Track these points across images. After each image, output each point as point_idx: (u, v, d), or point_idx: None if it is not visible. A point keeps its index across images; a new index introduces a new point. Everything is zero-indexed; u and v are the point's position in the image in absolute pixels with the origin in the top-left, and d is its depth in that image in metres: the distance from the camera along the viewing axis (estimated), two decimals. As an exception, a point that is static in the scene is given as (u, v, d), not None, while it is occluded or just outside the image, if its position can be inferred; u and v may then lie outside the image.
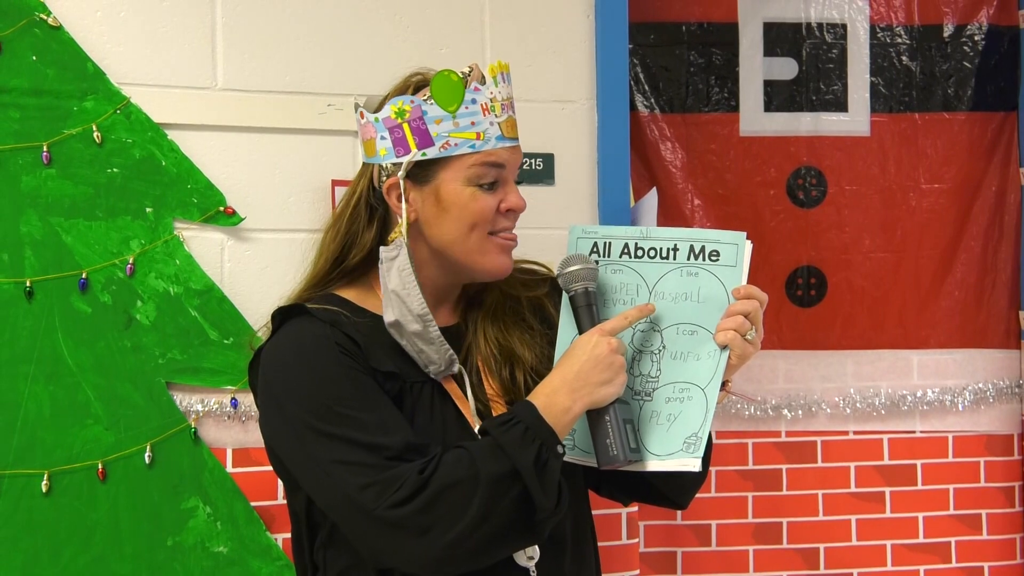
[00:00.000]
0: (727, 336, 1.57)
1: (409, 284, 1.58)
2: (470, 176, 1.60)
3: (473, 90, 1.59)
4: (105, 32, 2.22)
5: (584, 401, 1.51)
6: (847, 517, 2.82)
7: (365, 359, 1.57)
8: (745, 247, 1.59)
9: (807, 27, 2.84)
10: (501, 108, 1.62)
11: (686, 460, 1.56)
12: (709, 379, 1.58)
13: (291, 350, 1.59)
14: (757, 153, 2.82)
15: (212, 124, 2.28)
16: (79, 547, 2.15)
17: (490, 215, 1.61)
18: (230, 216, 2.27)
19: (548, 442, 1.48)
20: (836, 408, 2.81)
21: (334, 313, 1.61)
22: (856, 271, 2.83)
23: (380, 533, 1.47)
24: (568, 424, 1.51)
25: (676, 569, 2.76)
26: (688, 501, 1.80)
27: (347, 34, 2.37)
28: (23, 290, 2.14)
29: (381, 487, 1.45)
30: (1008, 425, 2.88)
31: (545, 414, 1.49)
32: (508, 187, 1.64)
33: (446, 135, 1.59)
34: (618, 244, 1.62)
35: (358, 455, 1.48)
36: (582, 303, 1.58)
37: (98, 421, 2.17)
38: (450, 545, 1.44)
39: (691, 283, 1.60)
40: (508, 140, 1.63)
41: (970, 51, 2.87)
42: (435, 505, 1.44)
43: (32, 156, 2.15)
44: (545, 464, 1.47)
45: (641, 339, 1.61)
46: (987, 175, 2.88)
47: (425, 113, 1.58)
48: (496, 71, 1.62)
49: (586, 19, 2.53)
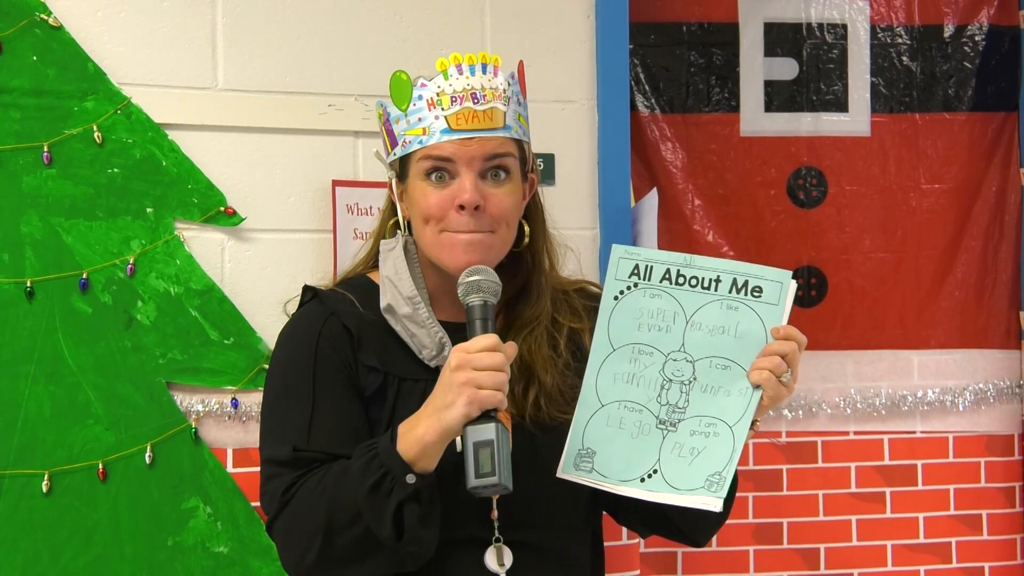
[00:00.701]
0: (761, 376, 1.52)
1: (401, 270, 1.60)
2: (419, 171, 1.59)
3: (420, 86, 1.59)
4: (106, 32, 2.22)
5: (435, 428, 1.45)
6: (847, 517, 2.82)
7: (354, 350, 1.58)
8: (789, 287, 1.56)
9: (807, 27, 2.84)
10: (451, 100, 1.58)
11: (707, 499, 1.51)
12: (739, 417, 1.54)
13: (287, 331, 1.66)
14: (757, 153, 2.82)
15: (212, 124, 2.28)
16: (79, 547, 2.15)
17: (437, 211, 1.58)
18: (230, 216, 2.27)
19: (394, 471, 1.45)
20: (836, 408, 2.81)
21: (343, 299, 1.63)
22: (856, 271, 2.83)
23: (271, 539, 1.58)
24: (424, 453, 1.46)
25: (676, 569, 2.76)
26: (706, 540, 1.75)
27: (347, 34, 2.37)
28: (24, 290, 2.14)
29: (267, 500, 1.55)
30: (1008, 425, 2.87)
31: (400, 442, 1.47)
32: (460, 181, 1.58)
33: (403, 133, 1.61)
34: (660, 269, 1.58)
35: (273, 450, 1.56)
36: (477, 316, 1.52)
37: (98, 421, 2.17)
38: (309, 566, 1.51)
39: (730, 317, 1.56)
40: (458, 132, 1.57)
41: (970, 51, 2.87)
42: (291, 530, 1.51)
43: (33, 156, 2.15)
44: (387, 494, 1.45)
45: (673, 368, 1.59)
46: (987, 175, 2.88)
47: (390, 115, 1.62)
48: (447, 64, 1.59)
49: (586, 19, 2.53)
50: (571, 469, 1.56)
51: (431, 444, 1.46)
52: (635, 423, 1.57)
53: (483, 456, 1.45)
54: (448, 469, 1.51)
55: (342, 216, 2.31)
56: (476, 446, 1.45)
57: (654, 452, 1.56)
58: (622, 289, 1.59)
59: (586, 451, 1.57)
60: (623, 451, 1.56)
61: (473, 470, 1.45)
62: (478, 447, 1.45)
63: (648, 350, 1.58)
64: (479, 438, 1.46)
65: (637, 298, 1.59)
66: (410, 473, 1.46)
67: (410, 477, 1.46)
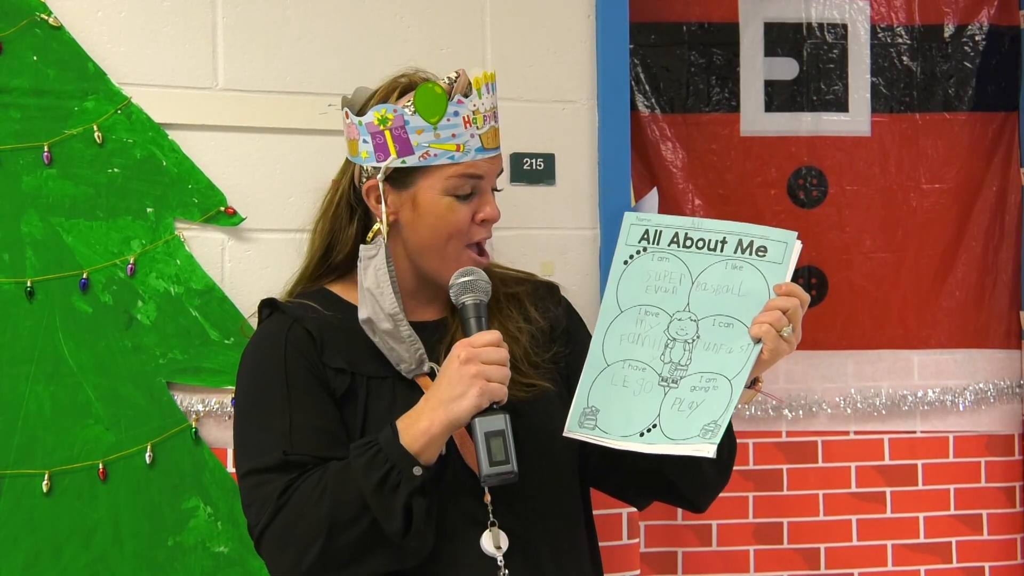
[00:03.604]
0: (761, 329, 1.56)
1: (383, 283, 1.61)
2: (448, 187, 1.62)
3: (456, 102, 1.61)
4: (106, 32, 2.22)
5: (441, 419, 1.48)
6: (848, 517, 2.82)
7: (318, 354, 1.61)
8: (794, 246, 1.59)
9: (808, 27, 2.84)
10: (483, 120, 1.63)
11: (701, 445, 1.53)
12: (737, 371, 1.57)
13: (251, 348, 1.68)
14: (758, 153, 2.82)
15: (213, 124, 2.28)
16: (80, 547, 2.15)
17: (465, 226, 1.63)
18: (231, 216, 2.27)
19: (400, 465, 1.47)
20: (837, 408, 2.81)
21: (304, 308, 1.66)
22: (857, 271, 2.83)
23: (258, 549, 1.56)
24: (429, 445, 1.49)
25: (677, 569, 2.77)
26: (706, 503, 1.77)
27: (347, 34, 2.37)
28: (24, 290, 2.14)
29: (257, 507, 1.54)
30: (1009, 425, 2.88)
31: (403, 436, 1.49)
32: (484, 197, 1.65)
33: (426, 145, 1.62)
34: (668, 232, 1.64)
35: (257, 461, 1.56)
36: (472, 314, 1.58)
37: (99, 421, 2.17)
38: (306, 570, 1.50)
39: (734, 276, 1.60)
40: (488, 151, 1.65)
41: (971, 51, 2.87)
42: (288, 532, 1.50)
43: (33, 156, 2.16)
44: (395, 488, 1.47)
45: (677, 328, 1.61)
46: (988, 175, 2.88)
47: (407, 123, 1.61)
48: (482, 82, 1.63)
49: (586, 19, 2.53)
50: (576, 427, 1.60)
51: (437, 436, 1.49)
52: (638, 381, 1.60)
53: (495, 445, 1.49)
54: (437, 460, 1.53)
55: (342, 216, 2.32)
56: (488, 436, 1.49)
57: (655, 408, 1.58)
58: (632, 254, 1.64)
59: (591, 409, 1.60)
60: (625, 408, 1.59)
61: (487, 459, 1.48)
62: (490, 437, 1.49)
63: (654, 311, 1.62)
64: (490, 428, 1.50)
65: (645, 262, 1.63)
66: (416, 466, 1.48)
67: (417, 469, 1.48)
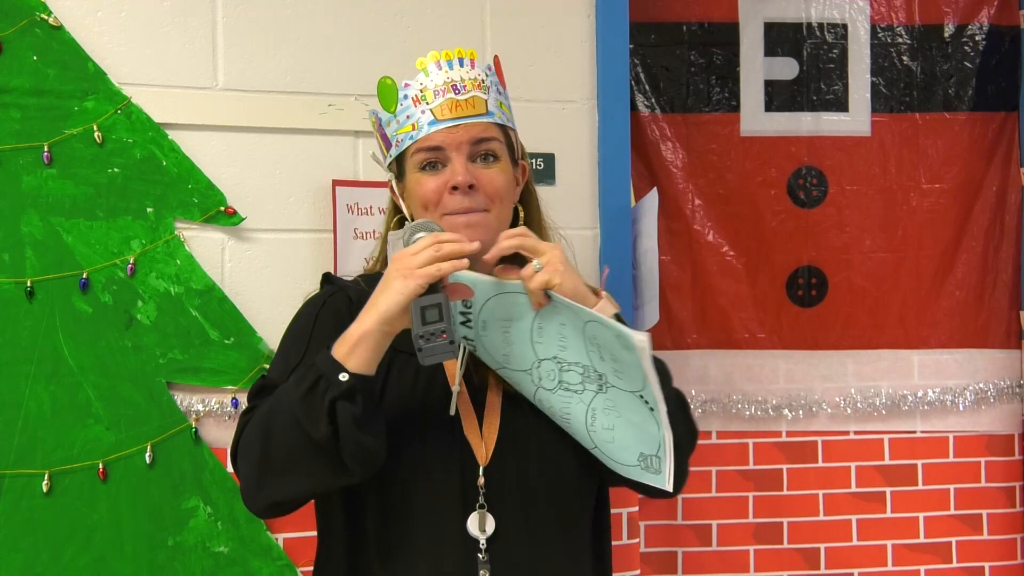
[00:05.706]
0: (538, 282, 1.52)
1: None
2: (414, 163, 1.68)
3: (404, 87, 1.68)
4: (106, 32, 2.22)
5: (372, 320, 1.49)
6: (848, 517, 2.82)
7: (352, 317, 1.60)
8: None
9: (808, 27, 2.84)
10: (434, 94, 1.68)
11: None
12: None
13: (303, 305, 1.76)
14: (758, 153, 2.82)
15: (213, 124, 2.28)
16: (80, 547, 2.15)
17: (434, 195, 1.65)
18: (231, 216, 2.27)
19: (327, 372, 1.49)
20: (837, 408, 2.81)
21: (355, 283, 1.73)
22: (857, 271, 2.83)
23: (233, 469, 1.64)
24: (355, 348, 1.49)
25: (677, 569, 2.77)
26: (676, 488, 1.70)
27: (347, 34, 2.37)
28: (24, 290, 2.14)
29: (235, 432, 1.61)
30: (1009, 425, 2.88)
31: (335, 348, 1.51)
32: (450, 166, 1.66)
33: (395, 134, 1.70)
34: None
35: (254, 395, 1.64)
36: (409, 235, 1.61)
37: (99, 421, 2.17)
38: (257, 484, 1.53)
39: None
40: (443, 122, 1.67)
41: (971, 51, 2.87)
42: (243, 449, 1.56)
43: (33, 156, 2.16)
44: (321, 394, 1.48)
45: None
46: (988, 175, 2.89)
47: (381, 120, 1.72)
48: (426, 62, 1.69)
49: (586, 19, 2.53)
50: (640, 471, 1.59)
51: (367, 334, 1.50)
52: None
53: (430, 313, 1.47)
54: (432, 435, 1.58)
55: (342, 216, 2.32)
56: (423, 308, 1.47)
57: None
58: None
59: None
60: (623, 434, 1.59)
61: (419, 322, 1.46)
62: (425, 308, 1.47)
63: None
64: (426, 304, 1.47)
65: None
66: (343, 372, 1.49)
67: (343, 376, 1.48)
